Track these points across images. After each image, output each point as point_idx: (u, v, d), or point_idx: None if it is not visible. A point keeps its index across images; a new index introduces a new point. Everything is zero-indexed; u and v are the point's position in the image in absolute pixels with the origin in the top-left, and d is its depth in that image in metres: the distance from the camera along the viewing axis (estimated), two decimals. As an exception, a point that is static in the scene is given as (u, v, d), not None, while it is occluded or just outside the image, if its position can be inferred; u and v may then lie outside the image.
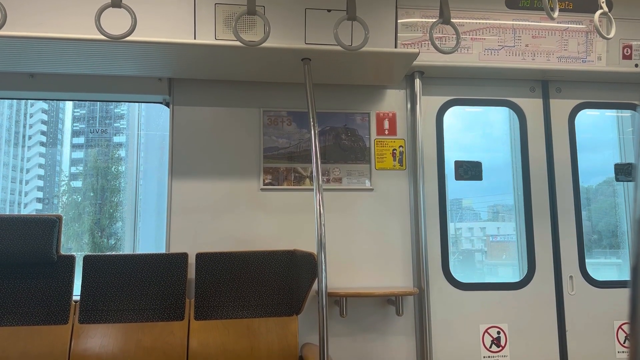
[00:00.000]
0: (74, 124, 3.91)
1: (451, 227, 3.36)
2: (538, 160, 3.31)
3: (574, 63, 3.20)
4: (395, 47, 2.83)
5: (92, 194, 3.71)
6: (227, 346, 2.62)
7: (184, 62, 2.78)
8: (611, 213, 3.63)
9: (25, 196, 3.91)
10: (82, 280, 2.67)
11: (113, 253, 3.35)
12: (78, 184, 3.85)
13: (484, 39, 3.13)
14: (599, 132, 3.65)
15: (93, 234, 3.66)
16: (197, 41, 2.57)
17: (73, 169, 3.88)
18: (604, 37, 2.46)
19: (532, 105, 3.36)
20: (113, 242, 3.70)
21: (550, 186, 3.29)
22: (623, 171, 3.45)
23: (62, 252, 2.71)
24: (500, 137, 3.54)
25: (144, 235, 3.53)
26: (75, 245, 3.64)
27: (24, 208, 3.91)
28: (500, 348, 3.09)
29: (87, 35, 2.41)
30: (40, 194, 3.93)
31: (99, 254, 3.04)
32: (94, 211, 3.67)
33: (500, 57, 3.14)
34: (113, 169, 3.77)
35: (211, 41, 2.59)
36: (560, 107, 3.39)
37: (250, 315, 2.73)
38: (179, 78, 3.03)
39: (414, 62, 2.90)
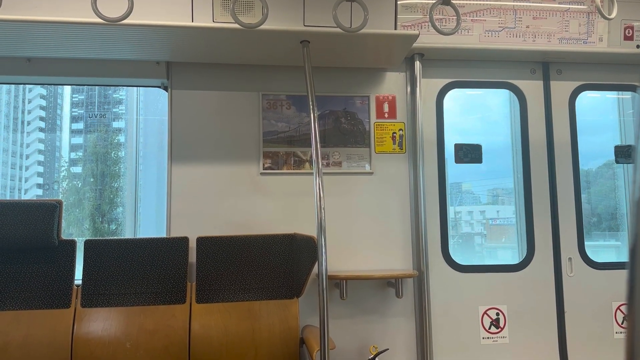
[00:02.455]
0: (73, 110, 3.90)
1: (451, 210, 3.37)
2: (538, 143, 3.30)
3: (575, 44, 3.18)
4: (395, 28, 2.80)
5: (92, 180, 3.71)
6: (229, 329, 2.65)
7: (182, 46, 2.76)
8: (611, 196, 3.63)
9: (25, 182, 3.91)
10: (84, 264, 2.68)
11: (114, 237, 3.36)
12: (78, 169, 3.84)
13: (485, 20, 3.10)
14: (600, 114, 3.63)
15: (94, 220, 3.67)
16: (195, 24, 2.54)
17: (72, 155, 3.88)
18: (605, 18, 2.44)
19: (532, 88, 3.35)
20: (114, 228, 3.71)
21: (550, 168, 3.29)
22: (623, 153, 3.44)
23: (63, 237, 2.72)
24: (499, 120, 3.53)
25: (144, 220, 3.54)
26: (76, 230, 3.65)
27: (25, 194, 3.91)
28: (499, 329, 3.12)
29: (84, 19, 2.39)
30: (40, 180, 3.93)
31: (100, 238, 3.05)
32: (94, 197, 3.67)
33: (500, 39, 3.11)
34: (113, 154, 3.76)
35: (209, 24, 2.56)
36: (561, 89, 3.37)
37: (251, 298, 2.74)
38: (177, 62, 3.01)
39: (414, 44, 2.88)
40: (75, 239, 2.75)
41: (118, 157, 3.76)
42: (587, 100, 3.50)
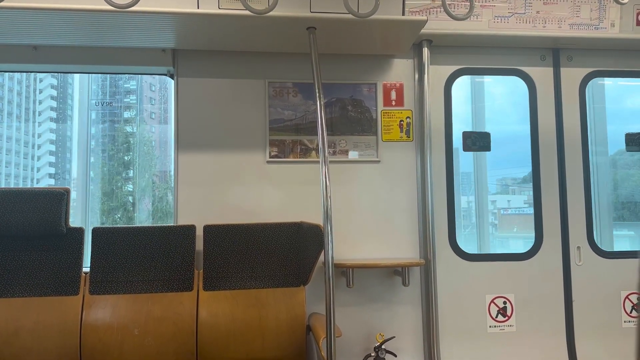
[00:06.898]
0: (91, 99, 3.90)
1: (463, 200, 3.35)
2: (547, 131, 3.27)
3: (586, 30, 3.12)
4: (403, 14, 2.77)
5: (107, 169, 3.73)
6: (236, 316, 2.67)
7: (188, 33, 2.76)
8: (624, 185, 3.59)
9: (37, 172, 3.94)
10: (92, 252, 2.71)
11: (122, 225, 3.38)
12: (92, 159, 3.86)
13: (494, 5, 3.05)
14: (611, 101, 3.57)
15: (126, 209, 3.68)
16: (201, 10, 2.53)
17: (92, 144, 3.89)
18: (618, 2, 2.39)
19: (542, 74, 3.30)
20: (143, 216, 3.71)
21: (560, 156, 3.26)
22: (634, 141, 3.39)
23: (78, 225, 2.75)
24: (508, 108, 3.49)
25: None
26: (109, 220, 3.66)
27: (37, 183, 3.94)
28: (507, 318, 3.11)
29: (90, 6, 2.39)
30: (52, 170, 3.96)
31: (108, 226, 3.08)
32: (123, 186, 3.68)
33: (510, 25, 3.06)
34: (131, 142, 3.77)
35: (214, 10, 2.55)
36: (571, 75, 3.32)
37: (258, 286, 2.76)
38: (183, 49, 3.01)
39: (422, 30, 2.84)
40: (83, 226, 2.77)
41: (133, 146, 3.77)
42: (599, 87, 3.45)
